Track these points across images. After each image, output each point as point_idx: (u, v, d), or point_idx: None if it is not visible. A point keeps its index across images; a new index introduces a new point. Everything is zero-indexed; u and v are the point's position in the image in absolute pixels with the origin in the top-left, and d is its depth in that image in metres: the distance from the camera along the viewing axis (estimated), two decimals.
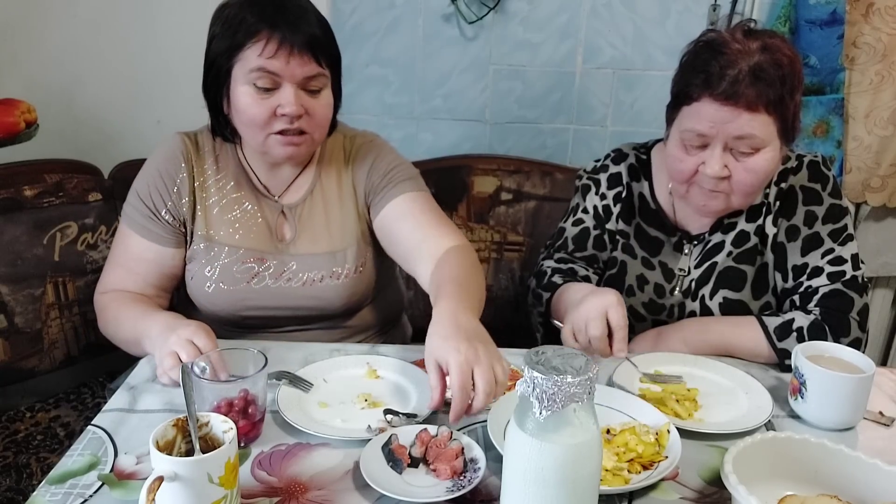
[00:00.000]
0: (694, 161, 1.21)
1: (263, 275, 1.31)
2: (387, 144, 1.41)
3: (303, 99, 1.20)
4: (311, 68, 1.19)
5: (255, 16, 1.17)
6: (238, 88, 1.20)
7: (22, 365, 1.54)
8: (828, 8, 1.86)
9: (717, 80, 1.14)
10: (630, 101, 2.07)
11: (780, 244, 1.30)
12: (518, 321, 1.83)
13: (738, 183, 1.20)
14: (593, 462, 0.70)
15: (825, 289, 1.25)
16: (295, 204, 1.34)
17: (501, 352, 1.23)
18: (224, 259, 1.30)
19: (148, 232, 1.29)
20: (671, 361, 1.21)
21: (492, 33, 2.02)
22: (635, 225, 1.39)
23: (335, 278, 1.32)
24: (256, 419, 0.97)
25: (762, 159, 1.18)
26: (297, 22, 1.17)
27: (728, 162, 1.18)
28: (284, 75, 1.18)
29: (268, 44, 1.16)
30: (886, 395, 1.16)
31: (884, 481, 0.85)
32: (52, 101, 1.92)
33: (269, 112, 1.19)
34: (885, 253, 2.13)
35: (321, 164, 1.36)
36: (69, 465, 0.93)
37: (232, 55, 1.19)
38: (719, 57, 1.15)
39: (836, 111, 1.96)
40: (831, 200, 1.28)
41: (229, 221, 1.31)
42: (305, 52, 1.18)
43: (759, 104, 1.13)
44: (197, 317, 1.28)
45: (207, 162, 1.33)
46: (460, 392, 0.92)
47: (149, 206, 1.30)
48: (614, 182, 1.41)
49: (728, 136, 1.16)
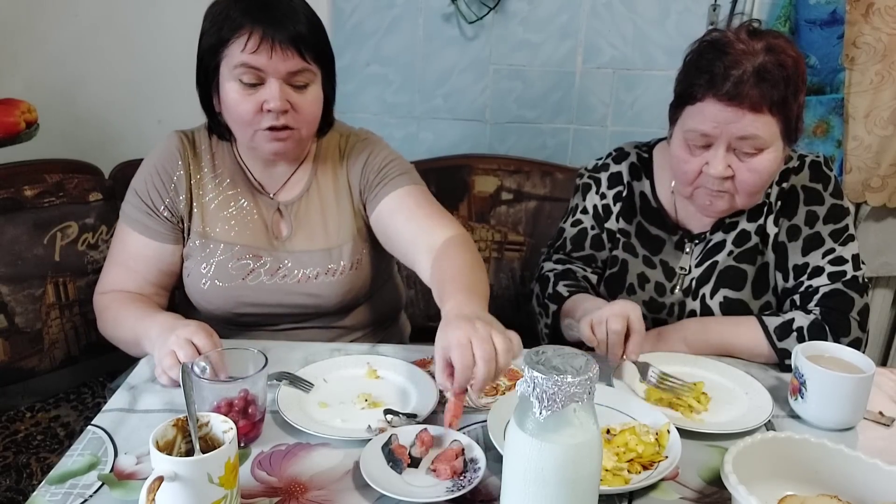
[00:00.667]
0: (698, 162, 1.21)
1: (259, 271, 1.31)
2: (381, 141, 1.41)
3: (288, 94, 1.20)
4: (295, 63, 1.19)
5: (239, 11, 1.18)
6: (225, 85, 1.21)
7: (22, 365, 1.54)
8: (828, 8, 1.86)
9: (721, 81, 1.13)
10: (630, 101, 2.07)
11: (781, 244, 1.30)
12: (518, 321, 1.81)
13: (742, 183, 1.20)
14: (593, 462, 0.70)
15: (826, 288, 1.25)
16: (291, 201, 1.34)
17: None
18: (220, 256, 1.30)
19: (146, 229, 1.30)
20: (671, 361, 1.21)
21: (492, 33, 2.02)
22: (636, 223, 1.39)
23: (331, 275, 1.32)
24: (256, 419, 0.97)
25: (765, 160, 1.18)
26: (281, 18, 1.17)
27: (731, 162, 1.18)
28: (268, 70, 1.18)
29: (250, 38, 1.16)
30: (886, 395, 1.16)
31: (884, 481, 0.85)
32: (53, 100, 1.92)
33: (255, 108, 1.19)
34: (885, 253, 2.13)
35: (317, 162, 1.36)
36: (69, 465, 0.93)
37: (218, 51, 1.20)
38: (724, 57, 1.14)
39: (836, 111, 1.96)
40: (833, 201, 1.28)
41: (225, 218, 1.32)
42: (289, 48, 1.17)
43: (763, 105, 1.13)
44: (196, 316, 1.28)
45: (204, 159, 1.33)
46: (461, 367, 0.90)
47: (147, 203, 1.30)
48: (615, 181, 1.41)
49: (731, 136, 1.16)
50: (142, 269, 1.30)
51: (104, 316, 1.29)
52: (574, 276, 1.38)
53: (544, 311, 1.37)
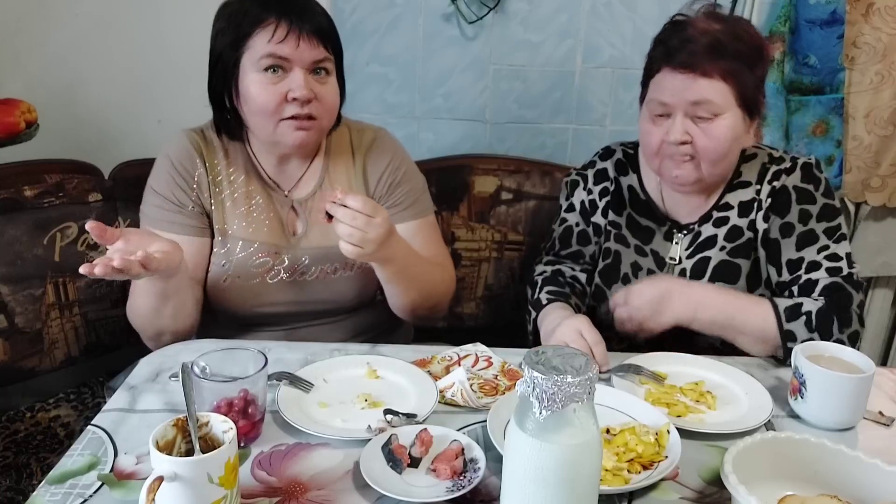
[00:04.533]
0: (660, 132, 1.26)
1: (278, 269, 1.32)
2: (399, 147, 1.43)
3: (312, 84, 1.23)
4: (320, 52, 1.22)
5: (259, 7, 1.21)
6: (247, 77, 1.22)
7: (22, 365, 1.54)
8: (828, 8, 1.86)
9: (675, 52, 1.22)
10: (630, 101, 2.06)
11: (773, 240, 1.32)
12: (518, 321, 1.83)
13: (702, 149, 1.24)
14: (593, 462, 0.70)
15: (825, 281, 1.26)
16: (304, 198, 1.35)
17: (501, 351, 1.25)
18: (239, 253, 1.31)
19: (178, 226, 1.29)
20: (671, 361, 1.21)
21: (492, 33, 2.02)
22: (626, 215, 1.42)
23: (349, 269, 1.34)
24: (256, 419, 0.97)
25: (721, 126, 1.23)
26: (303, 10, 1.21)
27: (689, 129, 1.24)
28: (294, 59, 1.20)
29: (277, 29, 1.19)
30: (886, 395, 1.16)
31: (884, 481, 0.85)
32: (53, 100, 1.92)
33: (279, 97, 1.21)
34: (885, 253, 2.13)
35: (328, 158, 1.37)
36: (69, 465, 0.93)
37: (239, 45, 1.21)
38: (680, 32, 1.24)
39: (836, 111, 1.95)
40: (825, 200, 1.31)
41: (242, 215, 1.32)
42: (314, 37, 1.21)
43: (714, 71, 1.20)
44: (212, 318, 1.29)
45: (218, 156, 1.33)
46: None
47: (173, 201, 1.29)
48: (600, 178, 1.45)
49: (686, 102, 1.22)
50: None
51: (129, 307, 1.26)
52: (560, 281, 1.41)
53: (528, 316, 1.40)
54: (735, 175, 1.35)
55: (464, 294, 1.82)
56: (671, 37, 1.24)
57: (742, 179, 1.35)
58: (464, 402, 1.08)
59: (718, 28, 1.21)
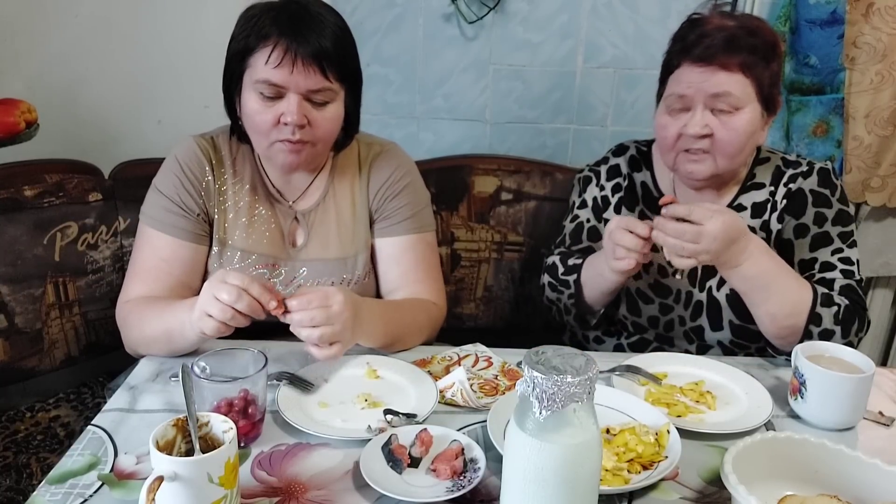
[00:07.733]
0: (677, 125, 1.26)
1: (275, 281, 1.31)
2: (406, 161, 1.41)
3: (307, 110, 1.20)
4: (317, 81, 1.18)
5: (269, 20, 1.18)
6: (246, 93, 1.21)
7: (22, 365, 1.54)
8: (828, 8, 1.86)
9: (693, 47, 1.23)
10: (631, 101, 2.06)
11: (786, 241, 1.33)
12: (518, 321, 1.83)
13: (720, 142, 1.24)
14: (593, 462, 0.70)
15: (842, 282, 1.27)
16: (308, 210, 1.34)
17: (501, 351, 1.25)
18: (236, 264, 1.30)
19: (180, 231, 1.28)
20: (671, 361, 1.21)
21: (492, 33, 2.01)
22: (639, 212, 1.42)
23: (344, 285, 1.32)
24: (256, 419, 0.97)
25: (742, 119, 1.23)
26: (307, 32, 1.16)
27: (709, 121, 1.24)
28: (288, 86, 1.17)
29: (273, 51, 1.16)
30: (886, 395, 1.16)
31: (884, 481, 0.85)
32: (53, 100, 1.92)
33: (273, 119, 1.19)
34: (885, 253, 2.13)
35: (334, 171, 1.36)
36: (69, 465, 0.93)
37: (244, 58, 1.20)
38: (696, 28, 1.24)
39: (836, 111, 1.95)
40: (840, 206, 1.32)
41: (243, 226, 1.31)
42: (311, 64, 1.17)
43: (733, 64, 1.20)
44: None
45: (226, 165, 1.33)
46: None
47: (180, 205, 1.28)
48: (613, 173, 1.45)
49: (706, 94, 1.22)
50: (176, 271, 1.27)
51: (129, 321, 1.24)
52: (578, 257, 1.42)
53: (564, 286, 1.40)
54: (749, 177, 1.36)
55: (463, 295, 1.82)
56: (689, 33, 1.25)
57: (756, 181, 1.35)
58: (464, 402, 1.08)
59: (733, 24, 1.23)
